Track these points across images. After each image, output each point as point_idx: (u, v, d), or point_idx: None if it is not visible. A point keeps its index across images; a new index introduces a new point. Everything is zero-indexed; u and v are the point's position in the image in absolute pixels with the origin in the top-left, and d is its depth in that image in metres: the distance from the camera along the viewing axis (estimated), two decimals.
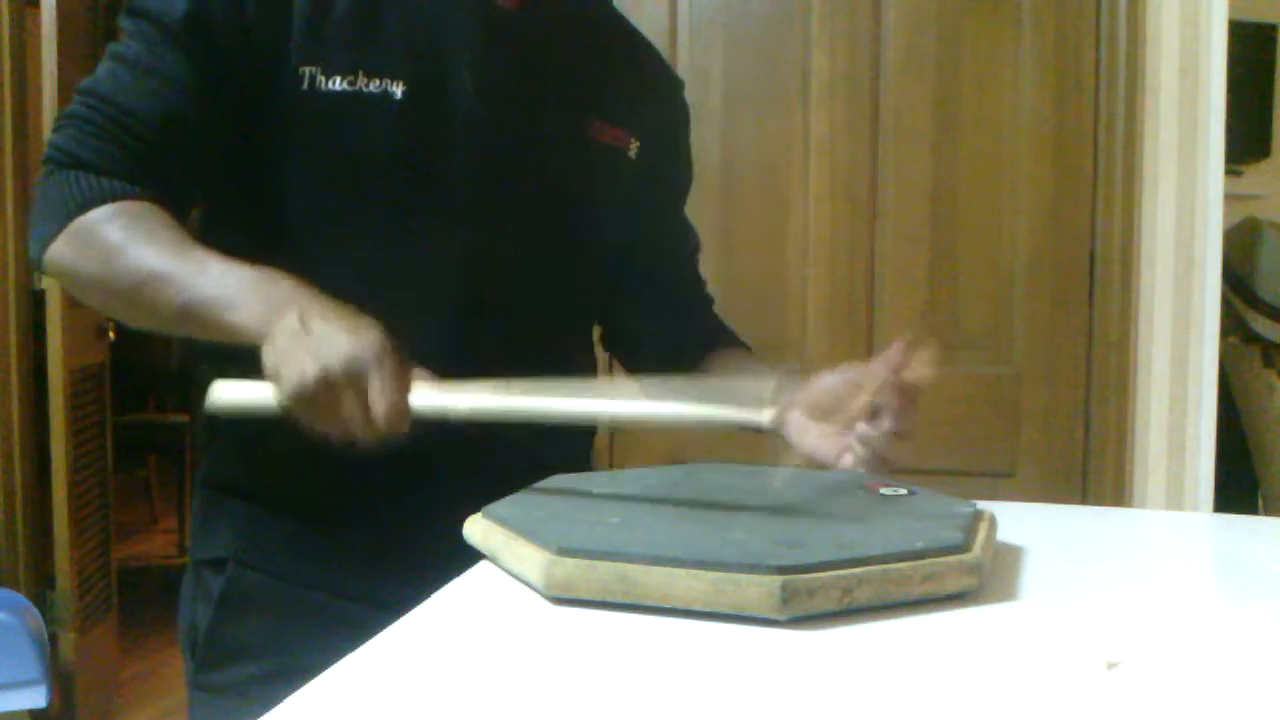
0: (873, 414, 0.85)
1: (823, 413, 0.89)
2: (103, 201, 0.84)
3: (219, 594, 0.93)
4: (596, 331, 1.13)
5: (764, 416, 0.77)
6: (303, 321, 0.75)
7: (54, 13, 2.53)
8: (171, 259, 0.81)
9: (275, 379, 0.75)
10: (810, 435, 0.89)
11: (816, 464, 0.88)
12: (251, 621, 0.93)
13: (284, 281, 0.79)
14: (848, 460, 0.86)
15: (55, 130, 0.87)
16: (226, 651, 0.93)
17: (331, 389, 0.73)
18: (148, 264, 0.81)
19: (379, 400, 0.74)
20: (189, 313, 0.80)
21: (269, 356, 0.75)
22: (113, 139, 0.85)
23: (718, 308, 1.18)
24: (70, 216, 0.84)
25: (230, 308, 0.78)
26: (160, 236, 0.83)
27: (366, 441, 0.75)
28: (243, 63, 0.86)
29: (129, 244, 0.82)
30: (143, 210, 0.85)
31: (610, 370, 1.41)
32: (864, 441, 0.85)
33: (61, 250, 0.85)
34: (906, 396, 0.85)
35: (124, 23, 0.88)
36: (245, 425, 0.94)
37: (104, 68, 0.88)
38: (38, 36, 2.59)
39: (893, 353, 0.84)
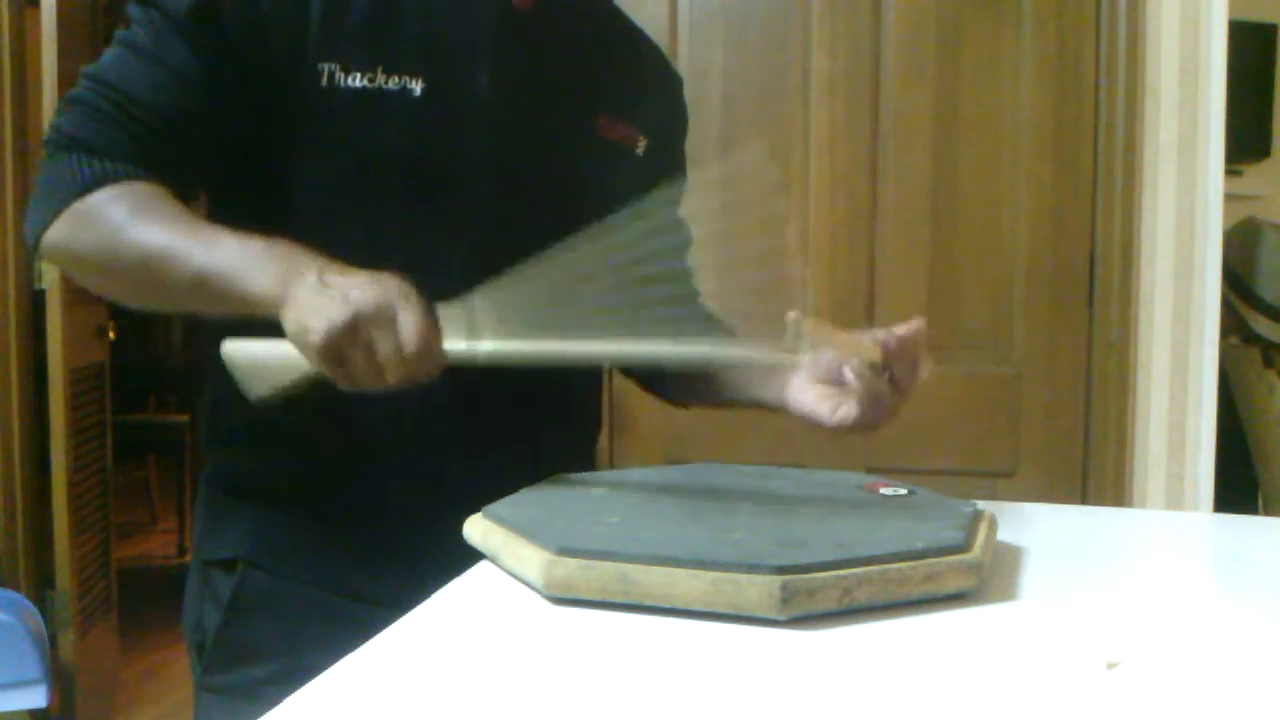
0: (875, 375, 0.85)
1: (825, 375, 0.90)
2: (106, 183, 0.83)
3: (229, 596, 0.93)
4: None
5: (798, 353, 0.76)
6: (322, 278, 0.74)
7: (54, 13, 2.53)
8: (181, 233, 0.80)
9: (301, 334, 0.73)
10: (810, 394, 0.89)
11: (814, 421, 0.88)
12: (261, 623, 0.92)
13: (298, 250, 0.78)
14: (844, 412, 0.85)
15: (58, 113, 0.86)
16: (236, 653, 0.93)
17: (362, 331, 0.72)
18: (156, 239, 0.80)
19: (411, 337, 0.73)
20: (201, 284, 0.79)
21: (291, 314, 0.74)
22: (117, 124, 0.84)
23: (718, 306, 1.18)
24: (72, 198, 0.83)
25: (245, 277, 0.77)
26: (167, 213, 0.82)
27: (399, 386, 0.74)
28: (254, 57, 0.86)
29: (135, 221, 0.81)
30: (147, 190, 0.84)
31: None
32: (863, 384, 0.85)
33: (61, 231, 0.84)
34: (910, 359, 0.85)
35: (132, 9, 0.88)
36: (250, 426, 0.94)
37: (111, 53, 0.87)
38: (38, 36, 2.59)
39: (904, 327, 0.85)
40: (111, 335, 2.96)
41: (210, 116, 0.86)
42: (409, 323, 0.73)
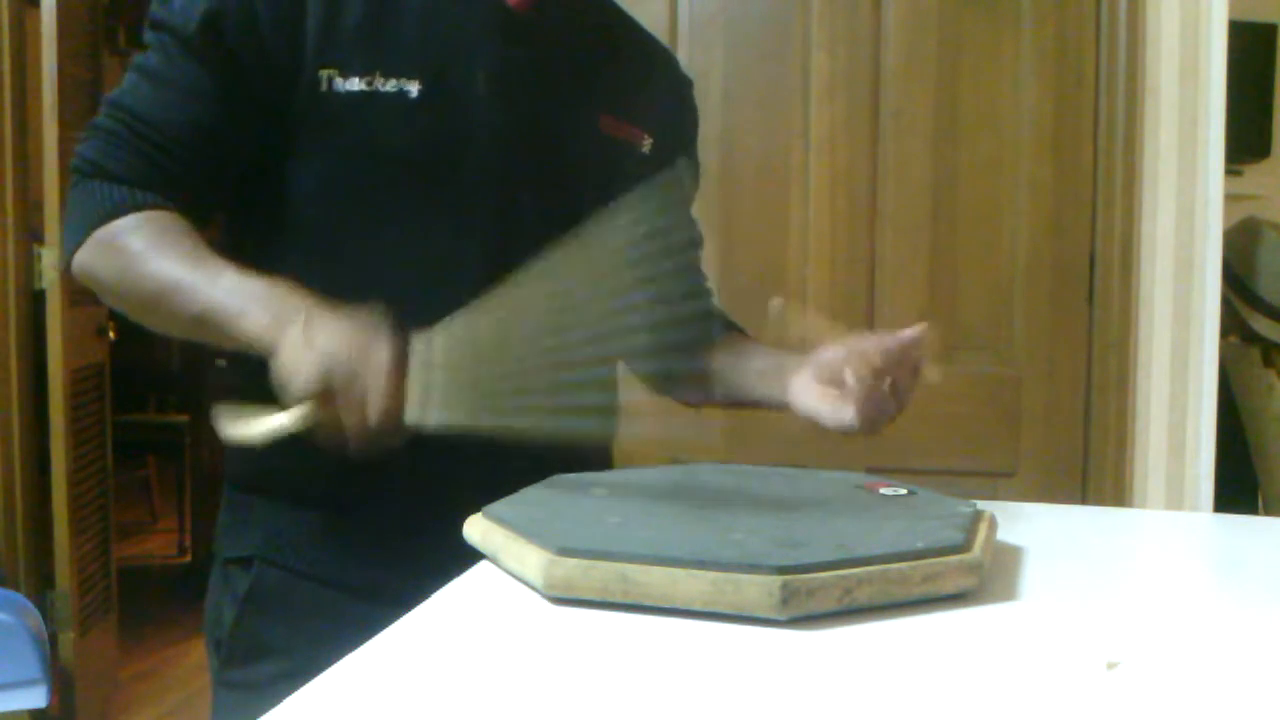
0: (876, 380, 0.88)
1: (827, 377, 0.92)
2: (126, 211, 0.87)
3: (245, 592, 0.95)
4: None
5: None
6: (306, 332, 0.77)
7: (54, 13, 2.53)
8: (188, 269, 0.84)
9: (289, 388, 0.77)
10: (811, 394, 0.92)
11: (815, 421, 0.91)
12: (276, 619, 0.94)
13: (293, 294, 0.81)
14: (845, 416, 0.88)
15: (81, 141, 0.90)
16: (251, 649, 0.94)
17: (332, 390, 0.75)
18: (165, 273, 0.84)
19: (373, 402, 0.75)
20: (203, 320, 0.83)
21: (280, 367, 0.77)
22: (135, 150, 0.88)
23: (718, 305, 1.18)
24: (95, 225, 0.87)
25: (242, 316, 0.80)
26: (178, 246, 0.86)
27: (368, 443, 0.77)
28: (258, 70, 0.88)
29: (149, 254, 0.85)
30: (164, 220, 0.88)
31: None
32: (862, 393, 0.87)
33: (87, 258, 0.88)
34: (909, 369, 0.88)
35: (146, 35, 0.91)
36: None
37: (128, 79, 0.91)
38: (38, 36, 2.59)
39: (906, 333, 0.87)
40: (111, 335, 2.96)
41: (224, 132, 0.89)
42: (372, 385, 0.75)
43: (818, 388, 0.92)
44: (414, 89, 0.89)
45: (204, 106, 0.88)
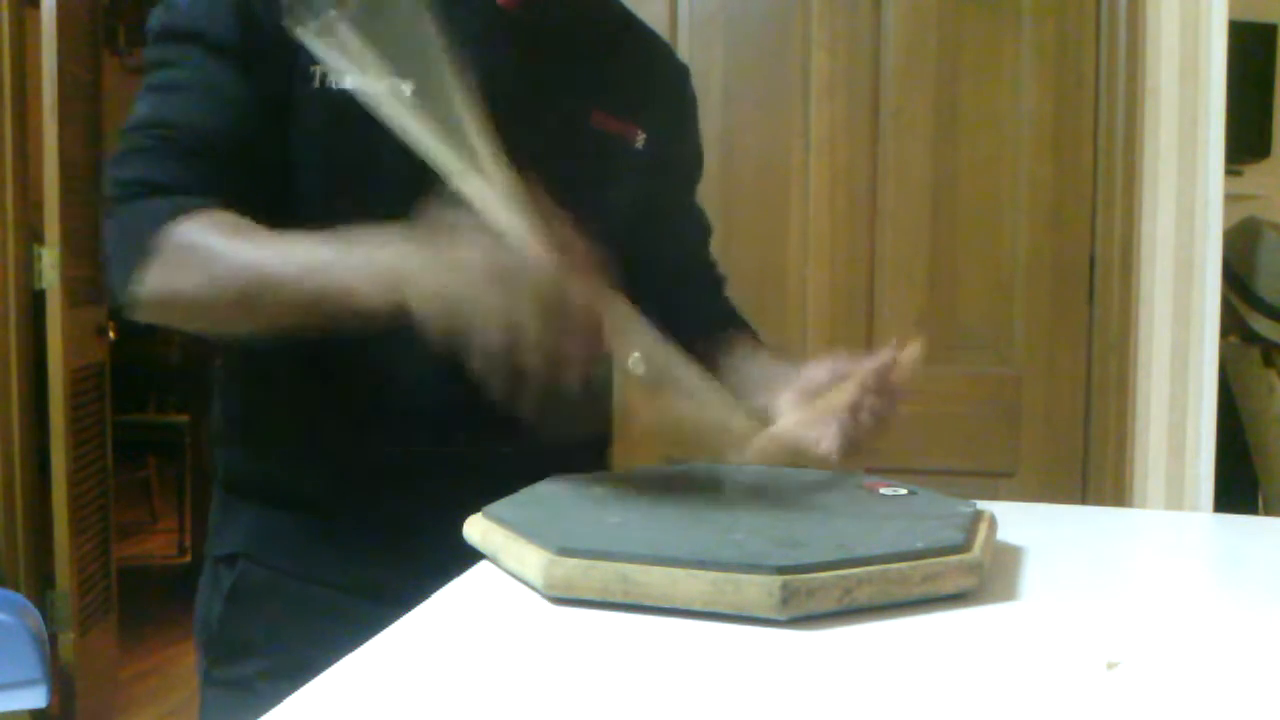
0: (857, 404, 0.88)
1: (810, 398, 0.92)
2: (181, 215, 0.83)
3: (229, 589, 0.95)
4: None
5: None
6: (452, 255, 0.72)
7: (54, 13, 2.54)
8: (286, 250, 0.80)
9: (478, 332, 0.70)
10: (794, 418, 0.92)
11: (795, 447, 0.91)
12: (261, 617, 0.94)
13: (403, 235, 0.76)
14: (825, 445, 0.88)
15: (116, 167, 0.87)
16: (237, 646, 0.94)
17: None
18: (260, 259, 0.80)
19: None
20: (320, 296, 0.77)
21: (453, 314, 0.70)
22: (180, 160, 0.85)
23: (731, 300, 1.19)
24: (153, 237, 0.82)
25: (358, 283, 0.75)
26: (258, 235, 0.82)
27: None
28: (269, 68, 0.88)
29: (234, 248, 0.81)
30: (229, 217, 0.84)
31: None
32: (842, 428, 0.88)
33: (154, 276, 0.83)
34: (890, 392, 0.89)
35: (160, 49, 0.89)
36: (258, 425, 0.95)
37: (152, 99, 0.88)
38: (38, 36, 2.59)
39: (885, 353, 0.88)
40: (111, 335, 2.96)
41: (259, 133, 0.88)
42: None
43: (799, 411, 0.92)
44: (407, 89, 0.89)
45: (239, 109, 0.87)
